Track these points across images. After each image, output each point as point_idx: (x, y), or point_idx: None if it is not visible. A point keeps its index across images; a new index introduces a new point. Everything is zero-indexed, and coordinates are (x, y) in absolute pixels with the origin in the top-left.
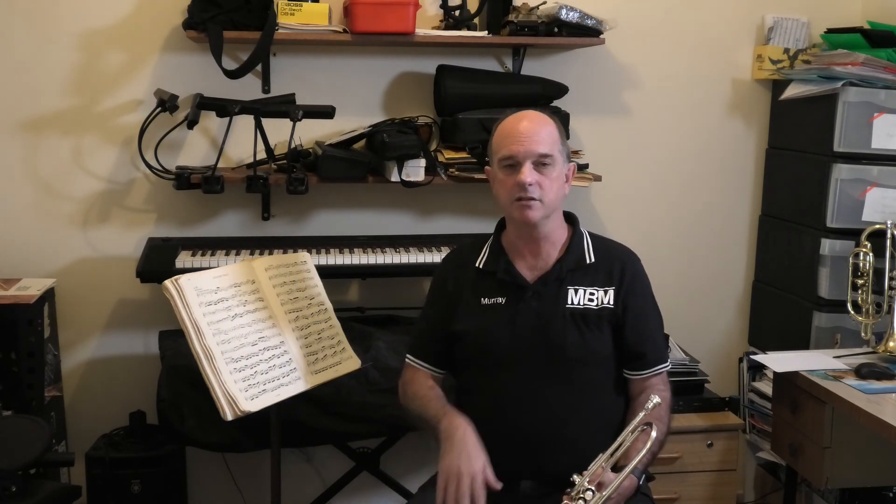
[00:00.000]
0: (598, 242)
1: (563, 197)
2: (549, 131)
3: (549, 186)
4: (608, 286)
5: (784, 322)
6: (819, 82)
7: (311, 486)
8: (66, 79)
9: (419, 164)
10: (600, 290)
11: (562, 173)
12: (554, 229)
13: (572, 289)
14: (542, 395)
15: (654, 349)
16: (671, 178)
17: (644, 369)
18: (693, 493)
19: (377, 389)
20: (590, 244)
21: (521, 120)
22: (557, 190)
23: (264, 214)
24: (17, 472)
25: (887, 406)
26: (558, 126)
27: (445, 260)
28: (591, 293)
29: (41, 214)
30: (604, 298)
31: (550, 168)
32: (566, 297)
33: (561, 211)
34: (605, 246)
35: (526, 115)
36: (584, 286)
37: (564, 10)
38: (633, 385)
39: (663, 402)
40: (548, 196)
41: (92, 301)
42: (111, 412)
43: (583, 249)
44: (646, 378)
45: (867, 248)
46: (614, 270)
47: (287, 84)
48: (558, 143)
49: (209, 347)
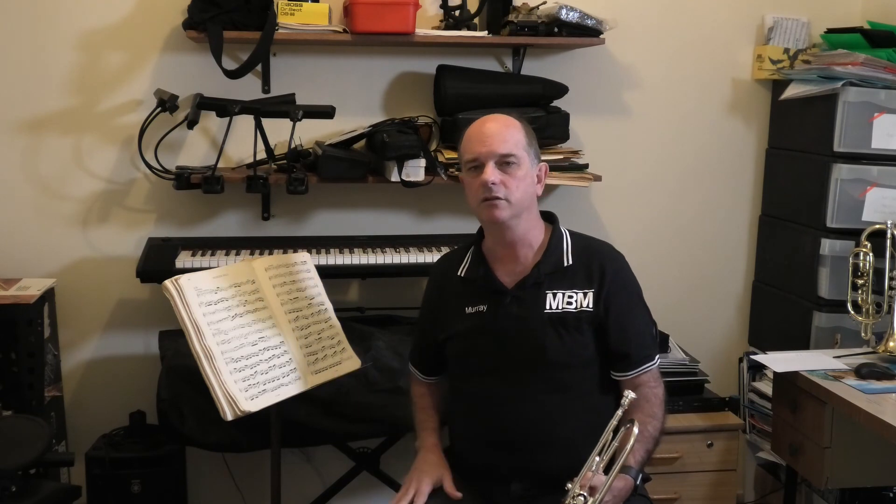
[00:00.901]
0: (579, 242)
1: (533, 197)
2: (513, 133)
3: (515, 186)
4: (587, 288)
5: (784, 322)
6: (819, 82)
7: (311, 486)
8: (66, 79)
9: (419, 164)
10: (579, 293)
11: (530, 174)
12: (528, 230)
13: (550, 293)
14: (528, 398)
15: (639, 348)
16: (671, 178)
17: (629, 370)
18: (693, 493)
19: (377, 389)
20: (569, 245)
21: (485, 123)
22: (524, 189)
23: (264, 214)
24: (17, 472)
25: (887, 406)
26: (525, 127)
27: (433, 269)
28: (569, 296)
29: (41, 214)
30: (583, 301)
31: (515, 167)
32: (544, 301)
33: (536, 212)
34: (585, 246)
35: (489, 118)
36: (563, 289)
37: (564, 10)
38: (623, 386)
39: (655, 399)
40: (514, 195)
41: (92, 301)
42: (111, 412)
43: (561, 251)
44: (634, 378)
45: (867, 248)
46: (594, 272)
47: (287, 84)
48: (523, 143)
49: (209, 347)
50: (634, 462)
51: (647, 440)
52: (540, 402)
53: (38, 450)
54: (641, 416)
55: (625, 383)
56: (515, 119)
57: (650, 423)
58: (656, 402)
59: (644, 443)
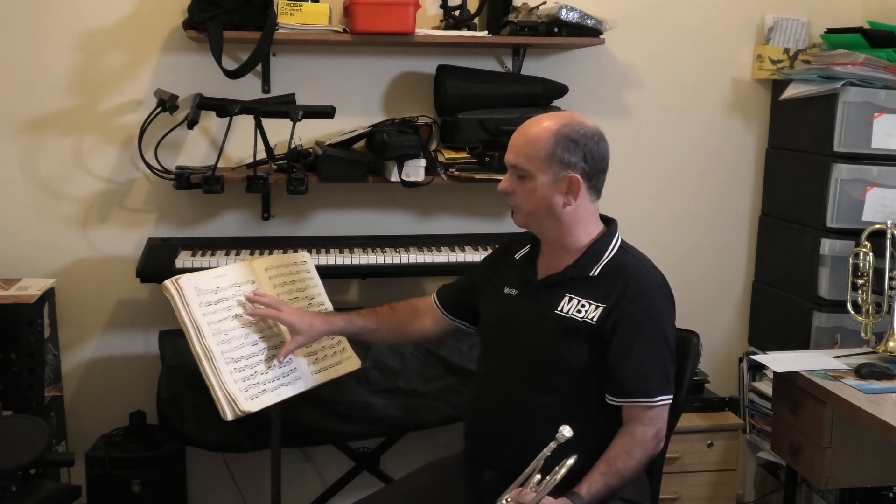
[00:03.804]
0: (620, 259)
1: (553, 209)
2: (533, 144)
3: (524, 197)
4: (602, 303)
5: (784, 322)
6: (819, 82)
7: (311, 486)
8: (66, 79)
9: (419, 164)
10: (591, 305)
11: (544, 186)
12: (561, 236)
13: (568, 296)
14: (516, 391)
15: (636, 379)
16: (671, 178)
17: (619, 397)
18: (693, 493)
19: (377, 389)
20: (608, 258)
21: (520, 128)
22: (536, 202)
23: (264, 214)
24: (17, 472)
25: (887, 406)
26: (557, 138)
27: (507, 241)
28: (583, 304)
29: (41, 214)
30: (591, 313)
31: (526, 180)
32: (559, 302)
33: (569, 221)
34: (622, 263)
35: (527, 122)
36: (581, 297)
37: (564, 10)
38: (621, 412)
39: (640, 438)
40: (523, 206)
41: (92, 301)
42: (111, 412)
43: (595, 262)
44: (626, 408)
45: (867, 248)
46: (614, 290)
47: (287, 84)
48: (541, 155)
49: (209, 347)
50: (587, 492)
51: (612, 475)
52: (526, 398)
53: (38, 450)
54: (617, 449)
55: (622, 410)
56: (554, 126)
57: (622, 458)
58: (638, 442)
59: (608, 476)
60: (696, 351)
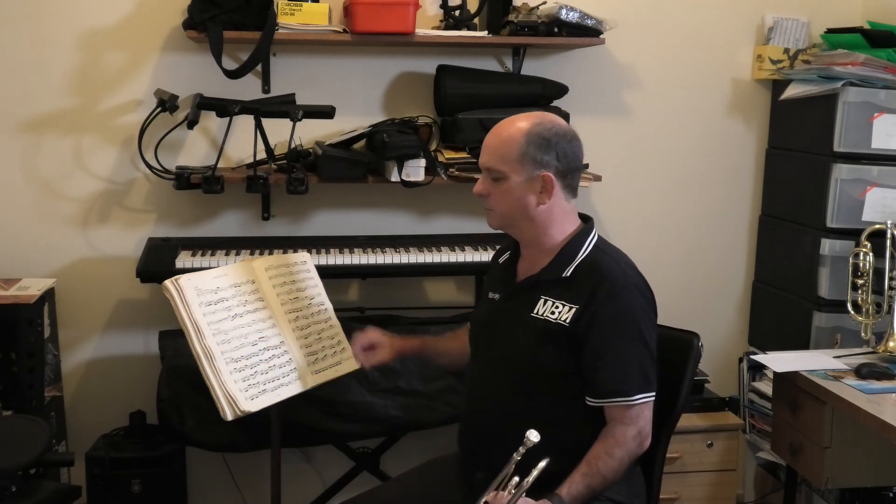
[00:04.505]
0: (595, 258)
1: (527, 209)
2: (505, 144)
3: (498, 199)
4: (574, 304)
5: (784, 322)
6: (819, 82)
7: (311, 486)
8: (66, 79)
9: (419, 164)
10: (565, 306)
11: (519, 187)
12: (537, 237)
13: (543, 298)
14: (496, 393)
15: (612, 379)
16: (671, 178)
17: (597, 398)
18: (693, 493)
19: (377, 389)
20: (581, 258)
21: (494, 129)
22: (510, 203)
23: (264, 214)
24: (17, 472)
25: (887, 406)
26: (529, 137)
27: (501, 246)
28: (556, 306)
29: (41, 214)
30: (565, 315)
31: (501, 181)
32: (535, 305)
33: (544, 221)
34: (596, 262)
35: (498, 125)
36: (555, 298)
37: (564, 10)
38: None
39: (620, 438)
40: (498, 208)
41: (92, 301)
42: (111, 412)
43: (569, 262)
44: (608, 408)
45: (867, 248)
46: (584, 290)
47: (287, 84)
48: (513, 156)
49: (209, 347)
50: (567, 493)
51: (593, 475)
52: (505, 401)
53: (38, 450)
54: (598, 450)
55: (604, 411)
56: (526, 126)
57: (603, 459)
58: (619, 442)
59: (588, 477)
60: (697, 352)
